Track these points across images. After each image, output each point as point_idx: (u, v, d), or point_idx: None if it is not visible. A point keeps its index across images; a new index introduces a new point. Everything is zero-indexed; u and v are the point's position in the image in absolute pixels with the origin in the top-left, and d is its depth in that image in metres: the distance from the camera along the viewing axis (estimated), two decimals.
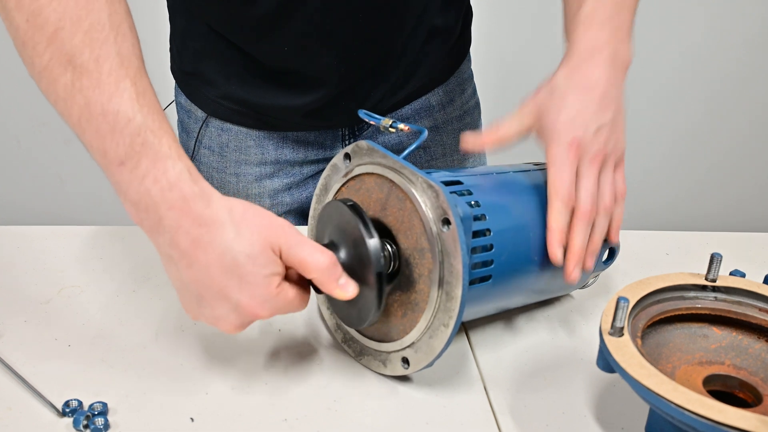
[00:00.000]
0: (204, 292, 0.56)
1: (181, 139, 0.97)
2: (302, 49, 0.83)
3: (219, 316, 0.57)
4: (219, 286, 0.55)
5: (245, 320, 0.57)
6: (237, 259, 0.54)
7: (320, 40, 0.82)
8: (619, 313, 0.55)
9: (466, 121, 0.99)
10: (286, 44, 0.82)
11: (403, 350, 0.61)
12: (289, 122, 0.90)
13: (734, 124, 2.12)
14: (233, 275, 0.55)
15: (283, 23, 0.80)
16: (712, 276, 0.63)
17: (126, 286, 0.76)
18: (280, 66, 0.85)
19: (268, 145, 0.92)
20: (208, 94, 0.91)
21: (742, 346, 0.61)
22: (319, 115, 0.89)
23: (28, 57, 0.57)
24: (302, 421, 0.59)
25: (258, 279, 0.55)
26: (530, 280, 0.67)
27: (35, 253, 0.81)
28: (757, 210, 2.23)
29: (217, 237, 0.54)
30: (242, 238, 0.55)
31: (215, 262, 0.54)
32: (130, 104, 0.55)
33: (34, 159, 1.98)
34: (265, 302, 0.56)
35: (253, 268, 0.55)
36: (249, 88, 0.88)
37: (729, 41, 2.01)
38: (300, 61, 0.84)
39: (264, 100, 0.88)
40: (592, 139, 0.65)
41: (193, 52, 0.90)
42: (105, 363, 0.64)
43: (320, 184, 0.68)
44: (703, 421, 0.48)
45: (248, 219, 0.56)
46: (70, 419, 0.57)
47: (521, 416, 0.61)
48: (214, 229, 0.54)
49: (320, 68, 0.85)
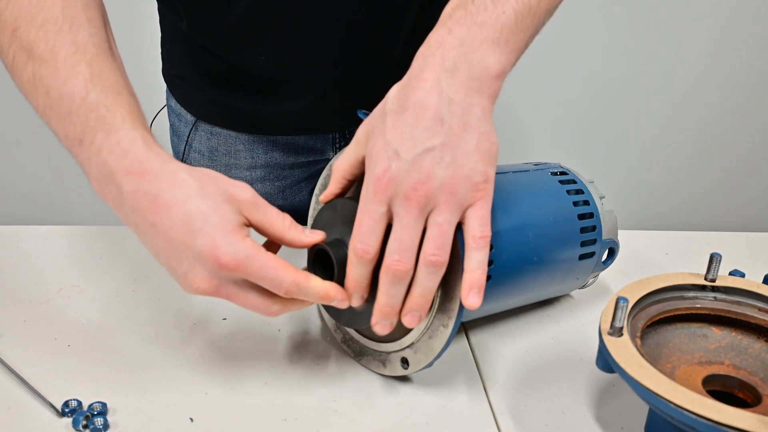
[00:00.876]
0: (170, 251, 0.54)
1: (172, 143, 0.97)
2: (278, 57, 0.82)
3: (187, 272, 0.54)
4: (182, 239, 0.52)
5: (211, 271, 0.53)
6: (202, 210, 0.52)
7: (294, 48, 0.81)
8: (619, 313, 0.55)
9: None
10: (262, 53, 0.82)
11: (403, 350, 0.61)
12: (277, 127, 0.90)
13: (734, 124, 2.12)
14: (195, 225, 0.52)
15: (257, 32, 0.80)
16: (712, 276, 0.63)
17: (126, 286, 0.76)
18: (260, 74, 0.85)
19: (257, 149, 0.91)
20: (196, 97, 0.91)
21: (741, 346, 0.61)
22: (308, 121, 0.89)
23: (1, 56, 0.61)
24: (302, 421, 0.59)
25: (219, 222, 0.53)
26: (530, 280, 0.67)
27: (35, 253, 0.81)
28: (757, 210, 2.23)
29: (178, 193, 0.53)
30: (206, 193, 0.53)
31: (178, 217, 0.52)
32: (83, 84, 0.56)
33: (34, 159, 1.98)
34: (227, 245, 0.52)
35: (216, 216, 0.53)
36: (234, 93, 0.87)
37: (729, 44, 2.00)
38: (278, 70, 0.84)
39: (250, 106, 0.88)
40: (408, 169, 0.52)
41: (180, 57, 0.90)
42: (104, 363, 0.64)
43: (319, 184, 0.68)
44: (702, 421, 0.48)
45: (210, 176, 0.55)
46: (70, 419, 0.57)
47: (521, 416, 0.61)
48: (174, 186, 0.53)
49: (299, 76, 0.84)
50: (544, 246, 0.66)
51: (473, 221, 0.53)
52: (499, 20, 0.54)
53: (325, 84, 0.85)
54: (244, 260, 0.52)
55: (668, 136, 2.12)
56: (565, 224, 0.68)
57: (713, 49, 2.01)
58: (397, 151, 0.52)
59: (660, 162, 2.14)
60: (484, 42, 0.54)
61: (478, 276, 0.53)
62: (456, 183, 0.52)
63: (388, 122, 0.53)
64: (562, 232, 0.68)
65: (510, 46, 0.55)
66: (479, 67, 0.53)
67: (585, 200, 0.70)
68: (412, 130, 0.52)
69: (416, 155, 0.52)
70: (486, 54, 0.54)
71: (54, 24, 0.58)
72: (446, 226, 0.53)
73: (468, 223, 0.54)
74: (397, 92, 0.54)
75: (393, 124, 0.53)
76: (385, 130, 0.53)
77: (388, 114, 0.53)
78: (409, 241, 0.52)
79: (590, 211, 0.70)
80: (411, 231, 0.52)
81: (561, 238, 0.68)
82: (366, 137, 0.55)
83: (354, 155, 0.57)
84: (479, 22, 0.54)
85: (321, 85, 0.85)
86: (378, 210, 0.53)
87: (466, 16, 0.55)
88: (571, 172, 0.73)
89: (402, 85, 0.54)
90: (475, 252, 0.54)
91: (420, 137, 0.52)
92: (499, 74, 0.54)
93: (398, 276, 0.53)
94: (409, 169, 0.52)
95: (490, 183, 0.54)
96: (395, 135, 0.52)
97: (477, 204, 0.53)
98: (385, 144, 0.53)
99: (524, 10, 0.56)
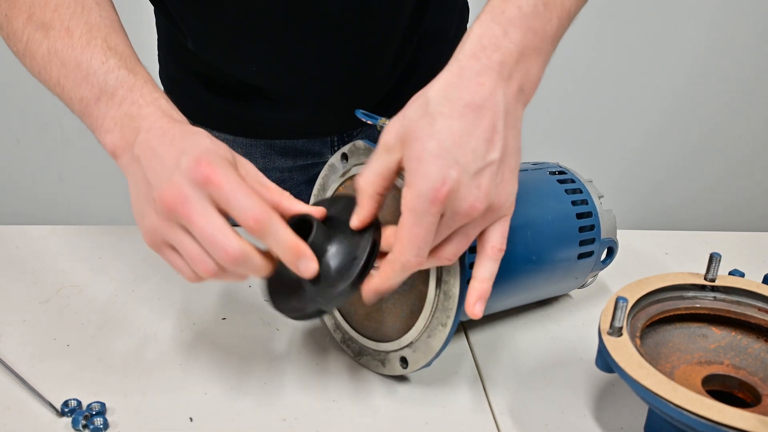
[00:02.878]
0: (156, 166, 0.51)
1: None
2: (268, 68, 0.82)
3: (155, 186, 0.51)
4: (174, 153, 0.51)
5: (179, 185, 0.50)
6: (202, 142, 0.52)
7: (284, 59, 0.81)
8: (618, 312, 0.55)
9: None
10: (253, 64, 0.82)
11: (402, 350, 0.61)
12: (275, 131, 0.90)
13: (734, 124, 2.12)
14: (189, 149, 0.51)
15: (248, 43, 0.80)
16: (711, 276, 0.63)
17: (125, 285, 0.76)
18: (254, 83, 0.85)
19: (255, 153, 0.91)
20: (193, 101, 0.90)
21: (741, 345, 0.61)
22: (305, 126, 0.89)
23: (13, 44, 0.63)
24: (301, 421, 0.59)
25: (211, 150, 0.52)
26: (529, 279, 0.67)
27: (35, 253, 0.81)
28: (757, 210, 2.23)
29: (194, 137, 0.53)
30: (218, 145, 0.53)
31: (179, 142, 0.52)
32: (102, 52, 0.58)
33: (34, 159, 1.98)
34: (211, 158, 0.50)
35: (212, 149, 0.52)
36: (231, 100, 0.88)
37: (731, 43, 2.00)
38: (270, 80, 0.84)
39: (247, 112, 0.88)
40: (469, 184, 0.48)
41: (175, 61, 0.91)
42: (104, 363, 0.64)
43: (318, 183, 0.68)
44: (702, 421, 0.48)
45: (220, 140, 0.55)
46: (69, 419, 0.57)
47: (521, 416, 0.61)
48: (190, 133, 0.54)
49: (290, 86, 0.84)
50: (543, 245, 0.66)
51: (496, 233, 0.53)
52: (546, 29, 0.52)
53: (319, 93, 0.85)
54: (222, 173, 0.50)
55: (667, 135, 2.12)
56: (563, 223, 0.68)
57: (713, 47, 2.02)
58: (456, 160, 0.48)
59: (658, 161, 2.14)
60: (534, 52, 0.52)
61: (487, 287, 0.53)
62: (501, 204, 0.51)
63: (438, 125, 0.48)
64: (560, 232, 0.68)
65: (546, 56, 0.53)
66: (528, 79, 0.52)
67: (583, 199, 0.70)
68: (470, 139, 0.48)
69: (478, 169, 0.49)
70: (534, 65, 0.52)
71: (67, 8, 0.60)
72: (472, 237, 0.52)
73: (490, 233, 0.53)
74: (445, 92, 0.49)
75: (446, 127, 0.48)
76: (436, 133, 0.48)
77: (437, 116, 0.49)
78: (430, 241, 0.50)
79: (589, 211, 0.70)
80: (440, 237, 0.51)
81: (560, 237, 0.67)
82: (401, 141, 0.50)
83: (385, 165, 0.51)
84: (533, 27, 0.51)
85: (315, 94, 0.85)
86: (434, 222, 0.49)
87: (521, 17, 0.51)
88: (570, 171, 0.73)
89: (448, 83, 0.50)
90: (490, 262, 0.53)
91: (480, 149, 0.49)
92: (536, 86, 0.53)
93: (405, 269, 0.51)
94: (470, 185, 0.48)
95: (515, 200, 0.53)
96: (453, 141, 0.48)
97: (504, 218, 0.53)
98: (440, 149, 0.48)
99: (565, 19, 0.54)
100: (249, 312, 0.72)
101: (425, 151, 0.48)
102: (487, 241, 0.53)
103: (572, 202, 0.69)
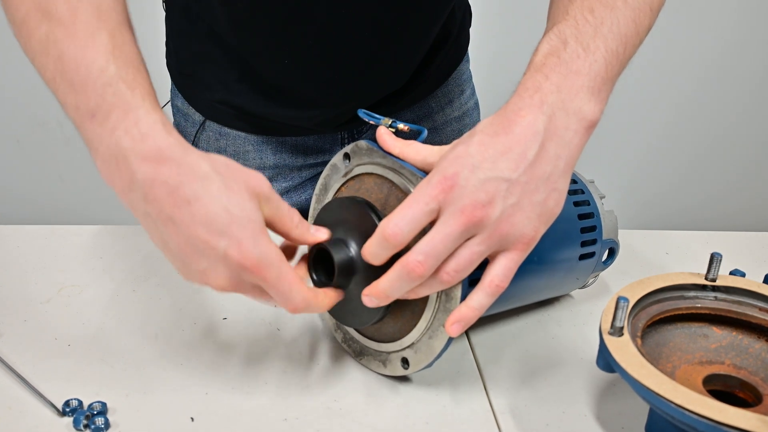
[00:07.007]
0: (188, 249, 0.52)
1: None
2: (302, 65, 0.82)
3: (206, 270, 0.52)
4: (205, 238, 0.51)
5: (234, 272, 0.52)
6: (230, 210, 0.51)
7: (321, 57, 0.81)
8: (619, 312, 0.55)
9: (466, 122, 0.99)
10: (286, 57, 0.81)
11: (403, 350, 0.61)
12: (288, 128, 0.90)
13: (734, 124, 2.12)
14: (220, 226, 0.51)
15: (288, 36, 0.79)
16: (712, 275, 0.63)
17: (126, 285, 0.76)
18: (278, 80, 0.84)
19: (266, 150, 0.91)
20: (205, 97, 0.90)
21: (742, 345, 0.61)
22: (319, 124, 0.89)
23: (10, 12, 0.56)
24: (302, 420, 0.59)
25: (246, 224, 0.51)
26: (530, 280, 0.67)
27: (35, 253, 0.81)
28: (757, 210, 2.23)
29: (200, 188, 0.51)
30: (231, 191, 0.52)
31: (201, 215, 0.50)
32: (104, 56, 0.53)
33: (34, 159, 1.98)
34: (254, 248, 0.51)
35: (242, 217, 0.51)
36: (247, 97, 0.87)
37: (732, 43, 2.01)
38: (299, 78, 0.83)
39: (262, 109, 0.88)
40: (477, 185, 0.51)
41: (191, 54, 0.89)
42: (105, 362, 0.64)
43: (320, 184, 0.68)
44: (703, 421, 0.48)
45: (232, 170, 0.53)
46: (70, 419, 0.57)
47: (521, 416, 0.61)
48: (196, 180, 0.51)
49: (318, 87, 0.84)
50: (545, 246, 0.65)
51: (499, 267, 0.53)
52: (593, 68, 0.54)
53: (339, 94, 0.85)
54: (266, 267, 0.52)
55: (668, 136, 2.12)
56: (565, 224, 0.68)
57: (715, 50, 2.02)
58: (474, 165, 0.51)
59: (660, 162, 2.14)
60: (580, 90, 0.53)
61: (473, 315, 0.54)
62: (509, 226, 0.52)
63: (475, 139, 0.52)
64: (562, 232, 0.68)
65: (602, 95, 0.55)
66: (576, 116, 0.53)
67: (585, 200, 0.70)
68: (496, 154, 0.51)
69: (490, 178, 0.51)
70: (583, 102, 0.53)
71: None
72: (477, 256, 0.52)
73: (494, 266, 0.54)
74: (492, 121, 0.53)
75: (480, 141, 0.52)
76: (471, 144, 0.52)
77: (478, 133, 0.53)
78: (441, 250, 0.51)
79: (590, 211, 0.70)
80: (448, 243, 0.51)
81: (561, 238, 0.67)
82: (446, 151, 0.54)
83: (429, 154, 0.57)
84: (574, 69, 0.54)
85: (335, 95, 0.85)
86: (429, 204, 0.51)
87: (560, 64, 0.54)
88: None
89: (496, 115, 0.54)
90: (485, 295, 0.54)
91: (500, 165, 0.51)
92: (592, 124, 0.54)
93: (411, 275, 0.52)
94: (478, 186, 0.50)
95: (535, 241, 0.54)
96: (479, 151, 0.51)
97: (512, 253, 0.53)
98: (466, 153, 0.52)
99: (612, 58, 0.55)
100: (250, 312, 0.72)
101: (453, 151, 0.53)
102: (488, 273, 0.54)
103: (574, 203, 0.69)
